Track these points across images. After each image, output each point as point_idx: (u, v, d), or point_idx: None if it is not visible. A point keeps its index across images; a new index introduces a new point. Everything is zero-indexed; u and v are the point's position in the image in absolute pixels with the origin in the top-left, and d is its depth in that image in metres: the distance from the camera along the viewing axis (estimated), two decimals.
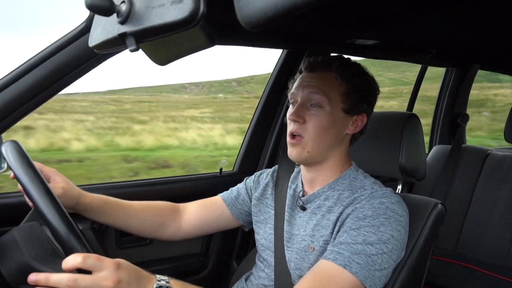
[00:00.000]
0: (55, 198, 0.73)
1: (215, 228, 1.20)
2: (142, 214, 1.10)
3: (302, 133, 0.96)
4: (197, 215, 1.16)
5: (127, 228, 1.09)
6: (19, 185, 0.79)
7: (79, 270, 0.63)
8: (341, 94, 0.97)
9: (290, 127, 0.98)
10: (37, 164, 0.84)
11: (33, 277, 0.64)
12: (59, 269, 0.63)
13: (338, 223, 0.93)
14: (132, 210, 1.09)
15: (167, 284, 0.70)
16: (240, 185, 1.22)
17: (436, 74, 2.52)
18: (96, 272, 0.64)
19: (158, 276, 0.71)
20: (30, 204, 0.89)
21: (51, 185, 0.84)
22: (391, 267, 0.88)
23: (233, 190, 1.22)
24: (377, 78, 1.05)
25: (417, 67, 2.29)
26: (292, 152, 0.98)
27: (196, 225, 1.16)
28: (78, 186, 1.34)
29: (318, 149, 0.97)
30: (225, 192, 1.23)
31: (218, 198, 1.21)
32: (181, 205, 1.19)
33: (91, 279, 0.63)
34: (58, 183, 0.96)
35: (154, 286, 0.68)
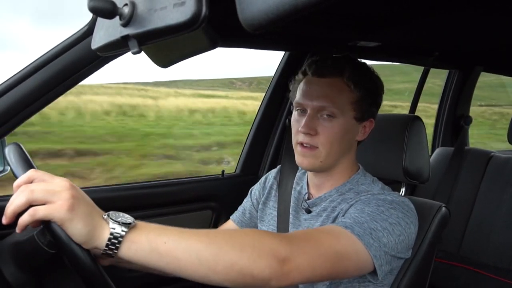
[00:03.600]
0: None
1: None
2: None
3: (315, 145, 0.94)
4: None
5: None
6: None
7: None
8: (352, 102, 0.94)
9: (300, 138, 0.95)
10: None
11: (3, 219, 0.63)
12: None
13: (341, 214, 0.92)
14: None
15: (123, 229, 0.62)
16: (247, 202, 1.21)
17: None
18: (48, 181, 0.63)
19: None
20: None
21: None
22: (398, 259, 0.86)
23: (240, 209, 1.21)
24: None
25: None
26: (303, 161, 0.95)
27: None
28: (82, 188, 1.35)
29: (331, 159, 0.95)
30: (235, 213, 1.22)
31: (230, 223, 1.21)
32: None
33: (44, 184, 0.62)
34: None
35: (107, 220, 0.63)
